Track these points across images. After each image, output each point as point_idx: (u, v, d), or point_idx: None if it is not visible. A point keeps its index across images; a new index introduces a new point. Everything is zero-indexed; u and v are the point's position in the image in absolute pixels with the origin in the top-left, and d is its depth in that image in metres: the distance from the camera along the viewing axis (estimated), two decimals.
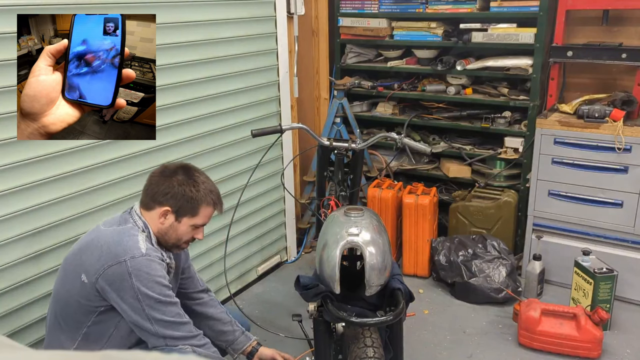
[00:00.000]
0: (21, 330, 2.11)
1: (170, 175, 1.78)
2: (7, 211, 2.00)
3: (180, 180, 1.77)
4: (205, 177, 1.84)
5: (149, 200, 1.79)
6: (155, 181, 1.79)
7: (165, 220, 1.78)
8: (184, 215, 1.78)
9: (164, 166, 1.84)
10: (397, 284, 1.87)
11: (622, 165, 2.86)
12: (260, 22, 3.02)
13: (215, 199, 1.83)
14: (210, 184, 1.84)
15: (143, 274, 1.67)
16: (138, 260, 1.68)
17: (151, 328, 1.70)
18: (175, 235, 1.81)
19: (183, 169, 1.81)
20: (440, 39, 3.44)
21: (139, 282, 1.67)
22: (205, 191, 1.80)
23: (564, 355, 2.60)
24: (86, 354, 0.57)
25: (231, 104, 2.91)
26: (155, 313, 1.69)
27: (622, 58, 2.94)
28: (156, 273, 1.70)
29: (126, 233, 1.74)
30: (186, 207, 1.77)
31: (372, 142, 2.46)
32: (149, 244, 1.75)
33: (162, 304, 1.71)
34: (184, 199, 1.76)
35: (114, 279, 1.67)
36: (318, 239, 1.99)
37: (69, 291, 1.75)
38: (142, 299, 1.67)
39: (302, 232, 3.70)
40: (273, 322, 2.88)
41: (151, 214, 1.79)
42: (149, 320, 1.70)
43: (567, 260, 2.99)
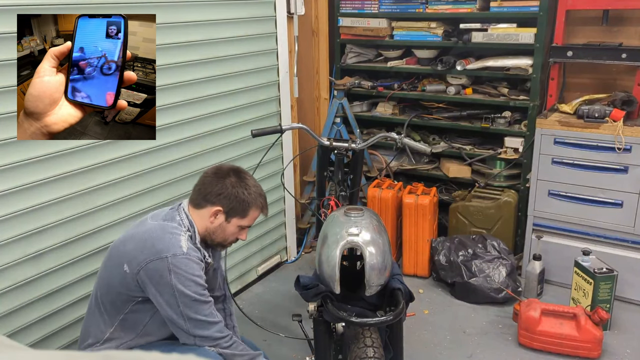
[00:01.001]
0: (21, 330, 2.11)
1: (223, 177, 1.85)
2: (7, 211, 2.00)
3: (233, 182, 1.84)
4: (254, 180, 1.92)
5: (201, 199, 1.85)
6: (208, 181, 1.85)
7: (216, 219, 1.84)
8: (234, 216, 1.85)
9: (217, 167, 1.91)
10: (397, 284, 1.87)
11: (622, 165, 2.86)
12: (260, 22, 3.02)
13: (263, 203, 1.92)
14: (260, 188, 1.92)
15: (182, 272, 1.73)
16: (178, 259, 1.74)
17: (183, 325, 1.76)
18: (222, 235, 1.88)
19: (235, 172, 1.87)
20: (440, 39, 3.44)
21: (177, 280, 1.72)
22: (256, 194, 1.88)
23: (564, 355, 2.60)
24: (87, 353, 0.57)
25: (231, 104, 2.91)
26: (189, 311, 1.75)
27: (622, 58, 2.94)
28: (194, 272, 1.76)
29: (170, 230, 1.79)
30: (237, 209, 1.84)
31: (372, 142, 2.46)
32: (190, 243, 1.80)
33: (197, 303, 1.76)
34: (236, 201, 1.83)
35: (154, 274, 1.73)
36: (318, 239, 1.99)
37: (111, 278, 1.82)
38: (178, 296, 1.73)
39: (302, 232, 3.70)
40: (273, 322, 2.88)
41: (201, 213, 1.85)
42: (182, 317, 1.75)
43: (567, 260, 2.99)
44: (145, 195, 2.52)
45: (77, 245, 2.27)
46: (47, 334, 2.20)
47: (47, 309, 2.19)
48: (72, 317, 2.29)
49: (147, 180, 2.52)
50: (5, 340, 0.65)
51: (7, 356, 0.56)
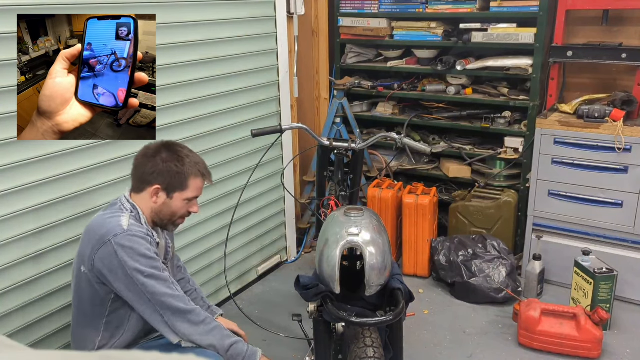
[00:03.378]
0: (21, 330, 2.11)
1: (153, 155, 1.81)
2: (7, 211, 2.00)
3: (164, 158, 1.80)
4: (188, 150, 1.87)
5: (138, 182, 1.83)
6: (140, 163, 1.83)
7: (158, 198, 1.82)
8: (174, 191, 1.82)
9: (146, 147, 1.86)
10: (397, 284, 1.87)
11: (622, 165, 2.86)
12: (260, 22, 3.02)
13: (202, 170, 1.87)
14: (195, 156, 1.87)
15: (127, 249, 1.70)
16: (120, 237, 1.71)
17: (149, 303, 1.72)
18: (169, 212, 1.85)
19: (165, 147, 1.84)
20: (440, 39, 3.44)
21: (126, 257, 1.69)
22: (191, 164, 1.83)
23: (564, 355, 2.60)
24: (86, 354, 0.57)
25: (231, 104, 2.91)
26: (148, 287, 1.71)
27: (622, 58, 2.94)
28: (140, 247, 1.72)
29: (109, 216, 1.78)
30: (175, 183, 1.81)
31: (372, 142, 2.46)
32: (135, 221, 1.78)
33: (153, 277, 1.72)
34: (171, 175, 1.80)
35: (105, 261, 1.71)
36: (318, 239, 1.99)
37: (78, 286, 1.81)
38: (132, 274, 1.69)
39: (302, 232, 3.70)
40: (273, 322, 2.88)
41: (142, 196, 1.83)
42: (144, 295, 1.71)
43: (567, 260, 2.99)
44: None
45: (77, 246, 2.26)
46: (47, 334, 2.20)
47: (47, 309, 2.18)
48: None
49: None
50: (5, 340, 0.65)
51: (7, 356, 0.56)
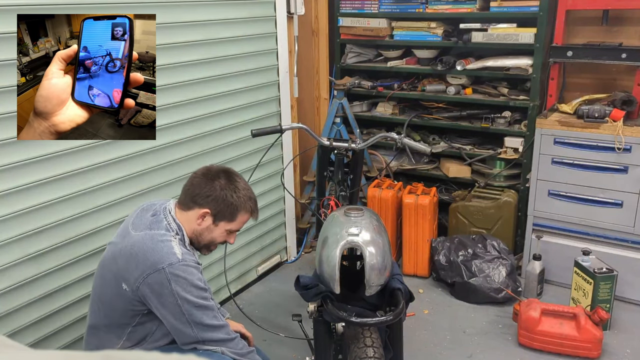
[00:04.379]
0: (21, 330, 2.11)
1: (213, 178, 1.80)
2: (7, 211, 2.00)
3: (222, 185, 1.79)
4: (245, 183, 1.86)
5: (189, 200, 1.81)
6: (197, 182, 1.81)
7: (203, 222, 1.80)
8: (221, 220, 1.81)
9: (207, 168, 1.85)
10: (397, 284, 1.87)
11: (622, 165, 2.86)
12: (260, 22, 3.02)
13: (253, 207, 1.87)
14: (250, 191, 1.87)
15: (181, 280, 1.69)
16: (176, 267, 1.69)
17: (191, 332, 1.71)
18: (209, 237, 1.84)
19: (225, 173, 1.83)
20: (440, 39, 3.43)
21: (179, 288, 1.68)
22: (245, 198, 1.83)
23: (564, 355, 2.60)
24: (87, 354, 0.57)
25: (231, 104, 2.91)
26: (195, 317, 1.70)
27: (622, 58, 2.94)
28: (193, 277, 1.71)
29: (160, 239, 1.73)
30: (225, 212, 1.80)
31: (372, 142, 2.46)
32: (183, 247, 1.76)
33: (201, 308, 1.71)
34: (224, 204, 1.79)
35: (154, 287, 1.68)
36: (318, 239, 1.99)
37: (112, 298, 1.77)
38: (182, 303, 1.68)
39: (302, 232, 3.70)
40: (273, 322, 2.88)
41: (188, 215, 1.81)
42: (189, 324, 1.70)
43: (567, 260, 2.99)
44: (146, 195, 2.52)
45: (77, 245, 2.27)
46: (47, 334, 2.20)
47: (47, 309, 2.19)
48: (72, 317, 2.29)
49: (147, 180, 2.52)
50: (5, 340, 0.65)
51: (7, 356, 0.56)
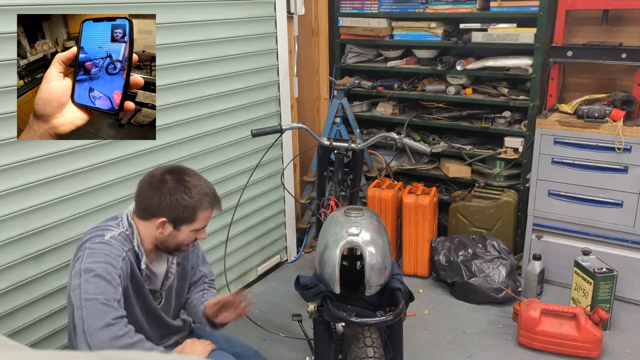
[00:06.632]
0: (21, 330, 2.11)
1: (159, 185, 1.67)
2: (7, 211, 2.00)
3: (170, 189, 1.66)
4: (196, 178, 1.73)
5: (142, 212, 1.71)
6: (145, 193, 1.69)
7: (164, 229, 1.70)
8: (182, 224, 1.70)
9: (152, 175, 1.72)
10: (397, 284, 1.87)
11: (622, 165, 2.86)
12: (260, 22, 3.02)
13: (211, 201, 1.73)
14: (203, 185, 1.73)
15: (94, 254, 1.61)
16: (95, 243, 1.63)
17: (79, 305, 1.54)
18: (175, 242, 1.74)
19: (171, 174, 1.69)
20: (440, 39, 3.43)
21: (86, 260, 1.60)
22: (200, 195, 1.69)
23: (564, 355, 2.60)
24: (87, 353, 0.57)
25: (231, 104, 2.91)
26: (88, 288, 1.55)
27: (622, 58, 2.94)
28: (109, 254, 1.62)
29: (100, 226, 1.71)
30: (183, 216, 1.68)
31: (372, 142, 2.46)
32: (122, 239, 1.68)
33: (101, 279, 1.57)
34: (178, 208, 1.67)
35: (73, 266, 1.63)
36: (318, 239, 1.99)
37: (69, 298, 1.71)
38: (82, 273, 1.57)
39: (302, 232, 3.70)
40: (273, 322, 2.88)
41: (147, 224, 1.72)
42: (80, 297, 1.55)
43: (567, 260, 2.99)
44: None
45: (77, 245, 2.26)
46: (47, 334, 2.20)
47: (47, 309, 2.18)
48: None
49: None
50: (6, 340, 0.65)
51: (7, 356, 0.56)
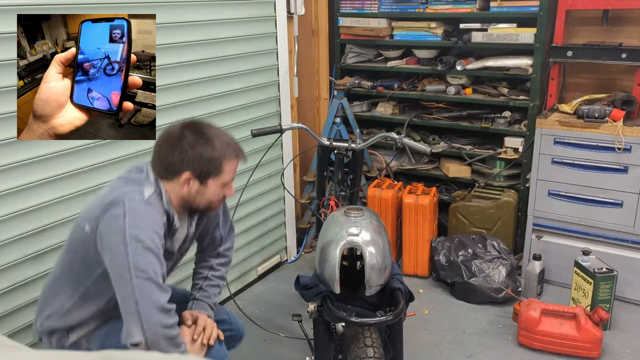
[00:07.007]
0: (21, 330, 2.11)
1: (178, 140, 1.61)
2: (7, 211, 2.00)
3: (191, 143, 1.60)
4: (215, 129, 1.67)
5: (164, 172, 1.64)
6: (164, 152, 1.63)
7: (190, 187, 1.63)
8: (208, 178, 1.63)
9: (167, 132, 1.65)
10: (397, 284, 1.87)
11: (622, 165, 2.86)
12: (260, 22, 3.02)
13: (236, 150, 1.68)
14: (225, 135, 1.67)
15: (139, 217, 1.53)
16: (137, 203, 1.55)
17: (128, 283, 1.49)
18: (204, 199, 1.67)
19: (189, 128, 1.63)
20: (440, 39, 3.43)
21: (131, 222, 1.51)
22: (222, 145, 1.63)
23: (564, 355, 2.60)
24: (87, 353, 0.57)
25: (231, 104, 2.91)
26: (138, 260, 1.50)
27: (622, 58, 2.94)
28: (153, 219, 1.57)
29: (133, 179, 1.63)
30: (208, 169, 1.62)
31: (372, 142, 2.46)
32: (157, 196, 1.61)
33: (151, 253, 1.52)
34: (203, 161, 1.60)
35: (109, 222, 1.52)
36: (318, 239, 1.99)
37: (74, 246, 1.66)
38: (129, 241, 1.50)
39: (302, 232, 3.70)
40: (273, 322, 2.88)
41: (172, 184, 1.64)
42: (128, 269, 1.49)
43: (567, 260, 2.99)
44: None
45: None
46: None
47: None
48: None
49: None
50: (6, 340, 0.65)
51: (7, 356, 0.56)
